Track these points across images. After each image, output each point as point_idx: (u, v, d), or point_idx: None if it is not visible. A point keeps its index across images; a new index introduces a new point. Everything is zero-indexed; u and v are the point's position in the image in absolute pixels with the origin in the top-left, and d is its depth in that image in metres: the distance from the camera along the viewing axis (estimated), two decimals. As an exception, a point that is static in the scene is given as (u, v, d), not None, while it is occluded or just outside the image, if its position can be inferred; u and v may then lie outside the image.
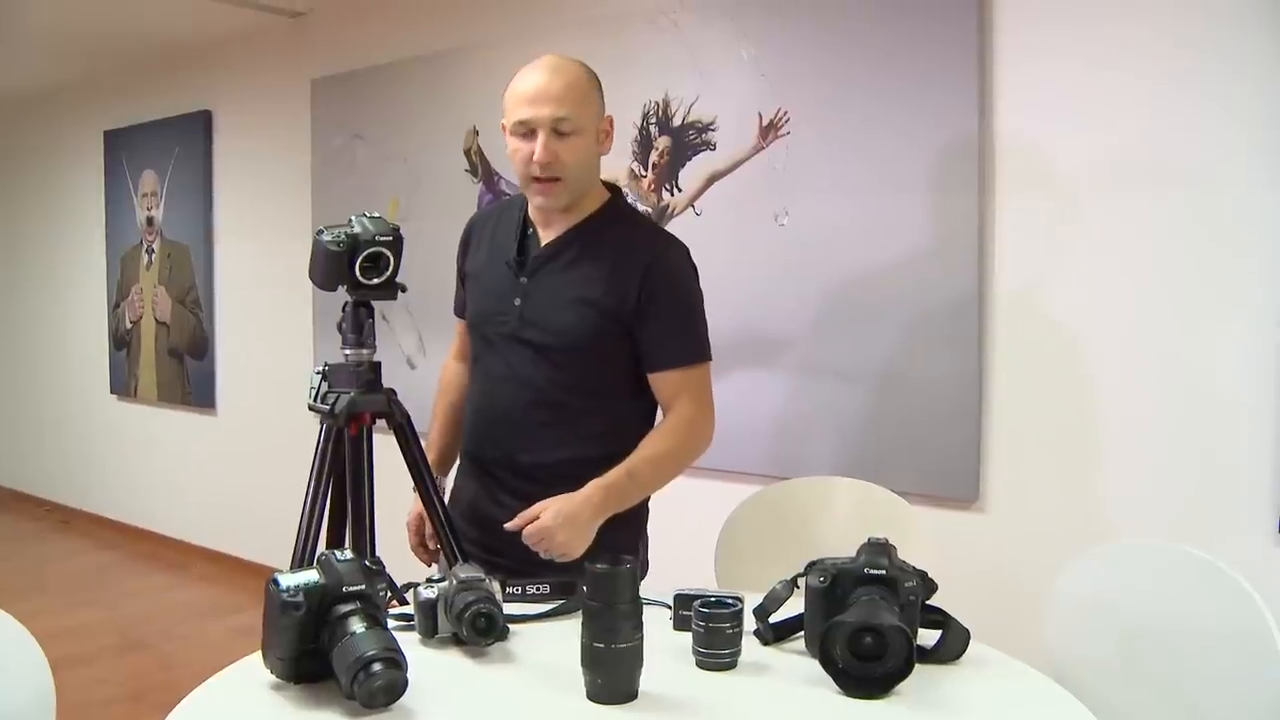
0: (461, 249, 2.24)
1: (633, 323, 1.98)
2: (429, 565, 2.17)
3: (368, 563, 1.47)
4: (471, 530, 2.10)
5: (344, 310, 2.02)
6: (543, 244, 2.06)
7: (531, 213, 2.08)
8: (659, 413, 2.11)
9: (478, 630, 1.56)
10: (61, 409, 6.87)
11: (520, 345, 2.03)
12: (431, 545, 2.17)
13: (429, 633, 1.61)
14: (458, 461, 2.23)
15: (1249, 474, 2.44)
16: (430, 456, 2.23)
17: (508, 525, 1.87)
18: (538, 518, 1.85)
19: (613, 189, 2.12)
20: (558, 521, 1.84)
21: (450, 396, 2.29)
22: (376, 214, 1.98)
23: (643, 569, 2.11)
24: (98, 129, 6.31)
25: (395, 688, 1.35)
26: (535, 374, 2.02)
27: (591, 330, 1.98)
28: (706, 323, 2.07)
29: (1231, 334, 2.47)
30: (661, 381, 2.01)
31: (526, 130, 1.95)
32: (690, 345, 2.02)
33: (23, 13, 5.02)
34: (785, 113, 3.17)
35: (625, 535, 2.05)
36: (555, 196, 1.98)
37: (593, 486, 1.87)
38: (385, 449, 2.06)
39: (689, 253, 2.08)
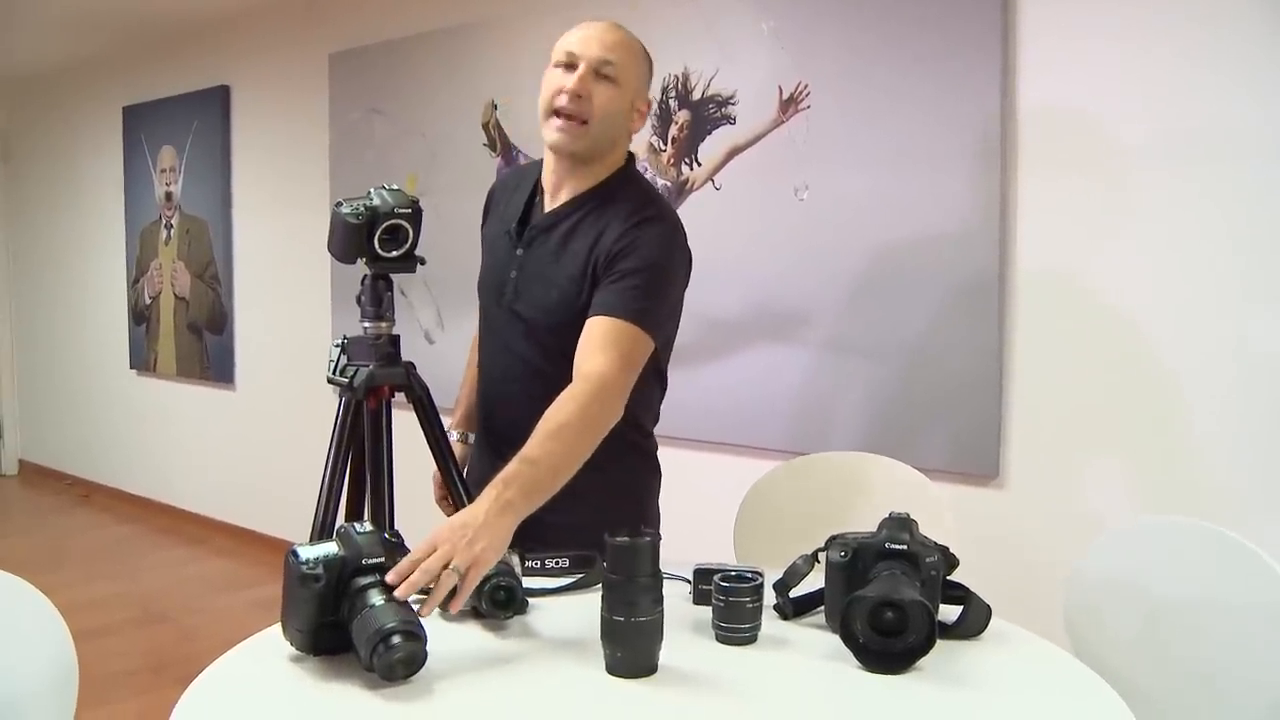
0: (483, 213, 2.21)
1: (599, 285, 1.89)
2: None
3: (387, 535, 1.47)
4: None
5: (363, 283, 2.01)
6: (545, 212, 2.01)
7: (544, 177, 2.02)
8: (663, 389, 2.08)
9: (497, 603, 1.55)
10: (81, 384, 6.91)
11: (513, 318, 2.00)
12: None
13: (448, 606, 1.61)
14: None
15: (1269, 449, 2.43)
16: (459, 411, 2.27)
17: (390, 576, 1.42)
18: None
19: (627, 157, 2.04)
20: (448, 528, 1.51)
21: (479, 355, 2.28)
22: (396, 186, 1.97)
23: None
24: (116, 105, 6.33)
25: (414, 660, 1.34)
26: (526, 349, 1.99)
27: (575, 309, 1.89)
28: (667, 307, 1.95)
29: (1255, 310, 2.44)
30: (589, 327, 1.83)
31: (570, 61, 1.89)
32: (634, 305, 1.84)
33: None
34: (805, 86, 3.15)
35: (631, 512, 1.98)
36: (573, 137, 1.90)
37: (489, 485, 1.59)
38: (404, 422, 2.06)
39: (678, 230, 1.97)
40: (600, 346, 1.80)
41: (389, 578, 1.42)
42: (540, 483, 1.62)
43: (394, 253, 1.95)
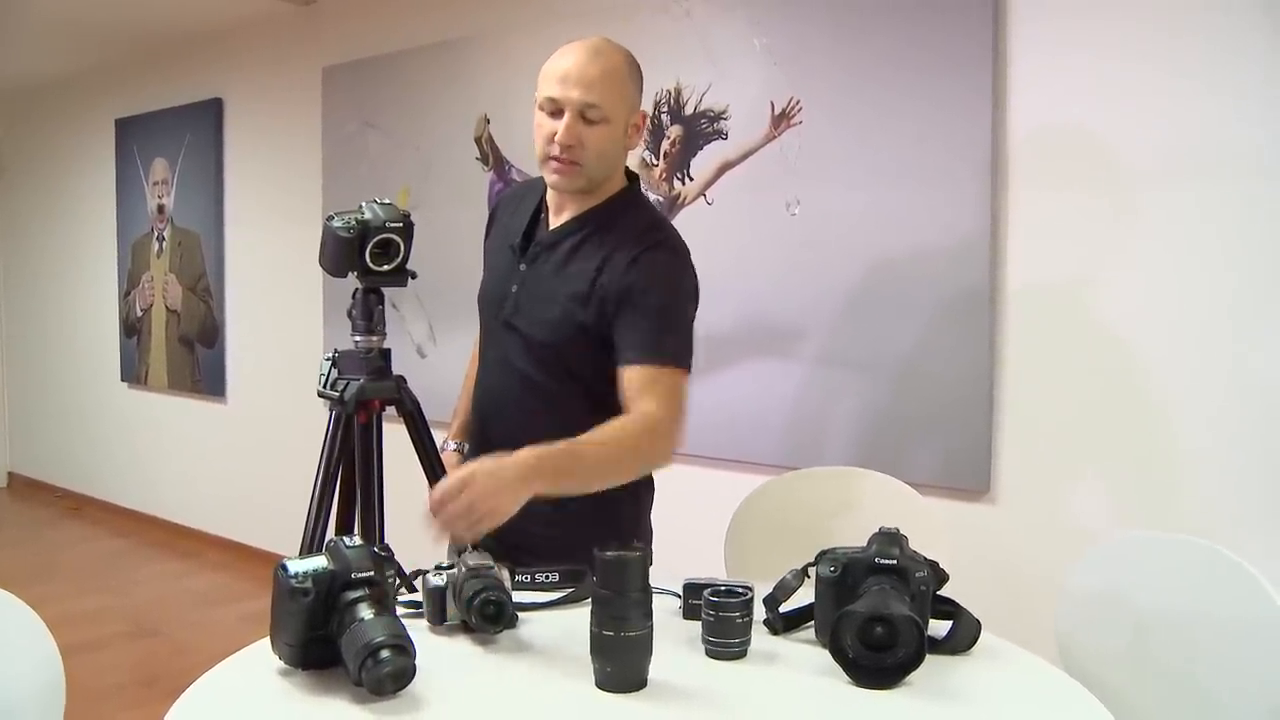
0: (486, 228, 2.21)
1: (612, 317, 1.90)
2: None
3: (377, 549, 1.47)
4: None
5: (354, 297, 2.01)
6: (548, 229, 2.01)
7: (548, 195, 2.04)
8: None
9: (486, 618, 1.55)
10: (72, 397, 6.89)
11: (513, 333, 2.00)
12: None
13: (437, 620, 1.61)
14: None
15: (1263, 465, 2.43)
16: (456, 422, 2.25)
17: (432, 500, 1.60)
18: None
19: (631, 177, 2.06)
20: (481, 472, 1.60)
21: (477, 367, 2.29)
22: (387, 200, 1.97)
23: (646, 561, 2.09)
24: (109, 117, 6.33)
25: (403, 674, 1.34)
26: (526, 363, 1.99)
27: (575, 326, 1.91)
28: (688, 332, 1.96)
29: (1247, 326, 2.45)
30: (626, 376, 1.86)
31: (554, 109, 1.88)
32: (660, 344, 1.88)
33: (35, 1, 5.02)
34: (797, 102, 3.16)
35: (627, 526, 2.00)
36: (570, 179, 1.92)
37: (527, 449, 1.65)
38: (395, 436, 2.06)
39: (685, 256, 1.98)
40: (642, 393, 1.83)
41: (432, 498, 1.57)
42: (573, 475, 1.71)
43: (385, 267, 1.95)
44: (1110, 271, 2.63)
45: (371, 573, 1.42)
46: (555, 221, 2.02)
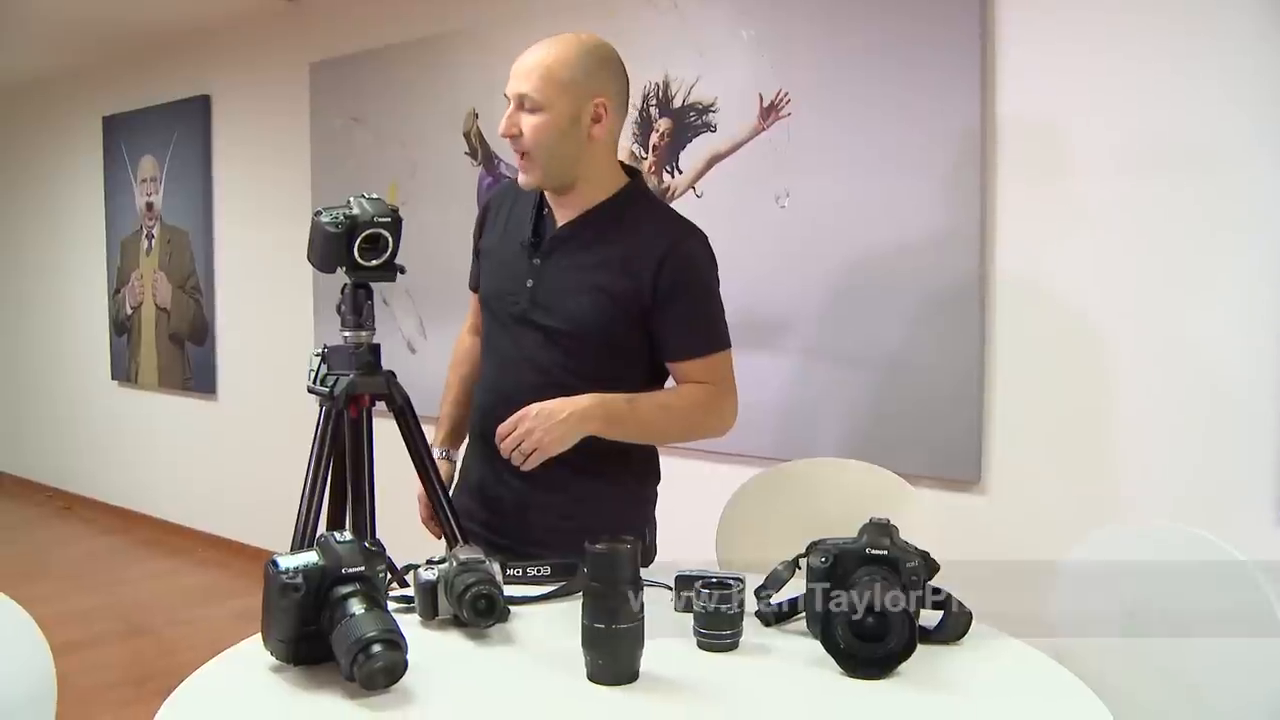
0: (479, 225, 2.21)
1: (649, 311, 1.96)
2: (439, 538, 2.17)
3: (368, 544, 1.46)
4: (480, 511, 2.09)
5: (343, 292, 2.01)
6: (558, 225, 2.02)
7: (548, 193, 2.05)
8: None
9: (478, 612, 1.55)
10: (62, 395, 6.88)
11: (530, 328, 2.01)
12: None
13: (429, 614, 1.61)
14: (467, 439, 2.21)
15: (1250, 455, 2.43)
16: (443, 429, 2.26)
17: (500, 428, 1.90)
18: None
19: (632, 172, 2.08)
20: (537, 409, 1.87)
21: (463, 369, 2.28)
22: (375, 195, 1.97)
23: (650, 553, 2.11)
24: (97, 114, 6.30)
25: (395, 669, 1.34)
26: (544, 357, 2.00)
27: (605, 317, 1.95)
28: (723, 310, 2.06)
29: (1234, 317, 2.45)
30: (680, 371, 2.02)
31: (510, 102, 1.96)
32: (708, 335, 2.02)
33: (21, -2, 5.01)
34: (786, 94, 3.15)
35: (633, 517, 2.07)
36: (525, 172, 1.97)
37: (587, 395, 1.89)
38: (386, 431, 2.06)
39: (707, 241, 2.04)
40: (698, 377, 2.01)
41: (498, 431, 1.87)
42: (627, 424, 1.93)
43: (374, 261, 1.95)
44: (1098, 261, 2.63)
45: (362, 568, 1.41)
46: (562, 217, 2.03)
